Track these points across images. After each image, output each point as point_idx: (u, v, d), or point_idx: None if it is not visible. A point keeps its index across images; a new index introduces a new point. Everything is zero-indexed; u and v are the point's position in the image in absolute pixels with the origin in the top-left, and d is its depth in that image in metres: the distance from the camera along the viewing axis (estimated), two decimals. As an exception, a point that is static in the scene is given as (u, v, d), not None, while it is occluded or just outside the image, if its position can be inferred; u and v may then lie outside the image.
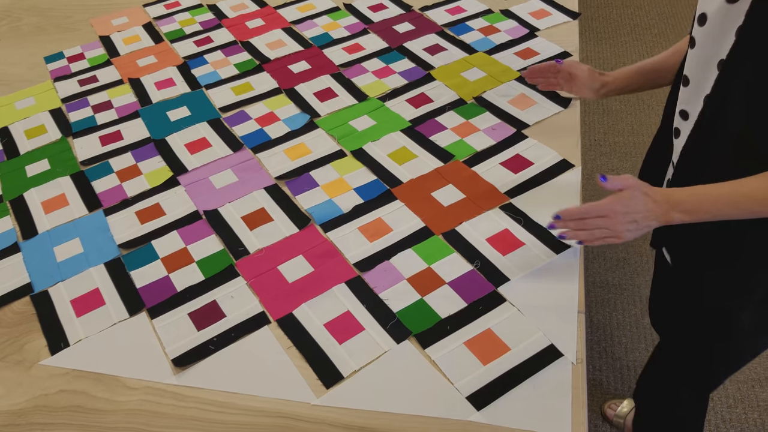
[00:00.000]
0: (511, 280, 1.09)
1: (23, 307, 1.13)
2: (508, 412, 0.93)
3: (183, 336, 1.06)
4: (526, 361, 0.98)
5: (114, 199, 1.30)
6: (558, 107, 1.42)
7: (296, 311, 1.08)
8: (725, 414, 1.71)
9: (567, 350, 0.99)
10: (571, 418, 0.91)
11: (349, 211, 1.24)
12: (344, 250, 1.17)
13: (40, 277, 1.17)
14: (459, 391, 0.95)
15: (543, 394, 0.94)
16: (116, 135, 1.46)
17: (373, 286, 1.10)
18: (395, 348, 1.01)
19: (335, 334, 1.04)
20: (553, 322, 1.03)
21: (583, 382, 0.96)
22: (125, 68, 1.65)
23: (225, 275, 1.14)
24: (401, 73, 1.55)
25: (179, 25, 1.80)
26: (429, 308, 1.06)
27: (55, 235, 1.24)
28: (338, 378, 0.98)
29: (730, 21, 0.87)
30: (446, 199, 1.24)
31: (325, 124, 1.43)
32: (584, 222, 1.00)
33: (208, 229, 1.22)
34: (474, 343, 1.01)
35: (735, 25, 0.86)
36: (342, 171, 1.32)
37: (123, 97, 1.56)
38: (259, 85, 1.56)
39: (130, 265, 1.17)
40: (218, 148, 1.40)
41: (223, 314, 1.08)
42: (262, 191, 1.29)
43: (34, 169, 1.39)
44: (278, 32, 1.74)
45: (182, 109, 1.51)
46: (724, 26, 0.88)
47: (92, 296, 1.12)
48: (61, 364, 1.04)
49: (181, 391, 0.99)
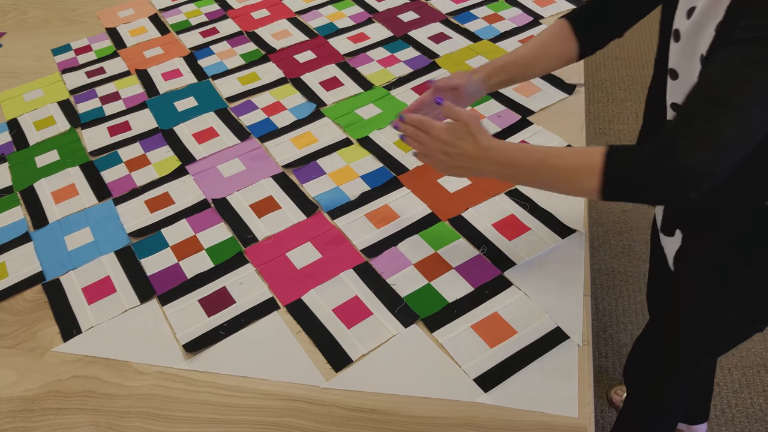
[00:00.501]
0: (517, 265, 1.10)
1: (35, 295, 1.15)
2: (515, 394, 0.94)
3: (193, 322, 1.07)
4: (532, 343, 0.99)
5: (123, 189, 1.32)
6: (563, 93, 1.42)
7: (305, 297, 1.09)
8: (731, 399, 1.72)
9: (573, 332, 1.00)
10: (578, 399, 0.92)
11: (355, 198, 1.25)
12: (351, 237, 1.18)
13: (51, 265, 1.18)
14: (466, 374, 0.96)
15: (549, 376, 0.95)
16: (124, 125, 1.47)
17: (381, 272, 1.11)
18: (403, 332, 1.03)
19: (344, 319, 1.05)
20: (559, 306, 1.04)
21: (589, 364, 0.97)
22: (132, 60, 1.67)
23: (234, 262, 1.15)
24: (406, 61, 1.56)
25: (185, 17, 1.81)
26: (436, 293, 1.07)
27: (65, 224, 1.26)
28: (347, 362, 1.00)
29: (712, 15, 0.84)
30: (452, 185, 1.25)
31: (331, 112, 1.44)
32: (415, 132, 1.02)
33: (217, 217, 1.24)
34: (481, 327, 1.02)
35: (716, 20, 0.83)
36: (348, 159, 1.33)
37: (130, 88, 1.58)
38: (265, 75, 1.57)
39: (140, 253, 1.19)
40: (225, 137, 1.41)
41: (232, 300, 1.09)
42: (270, 179, 1.30)
43: (43, 160, 1.40)
44: (283, 22, 1.75)
45: (189, 99, 1.52)
46: (707, 20, 0.86)
47: (103, 284, 1.14)
48: (73, 351, 1.06)
49: (192, 376, 1.01)
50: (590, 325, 1.02)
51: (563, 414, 0.91)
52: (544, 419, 0.91)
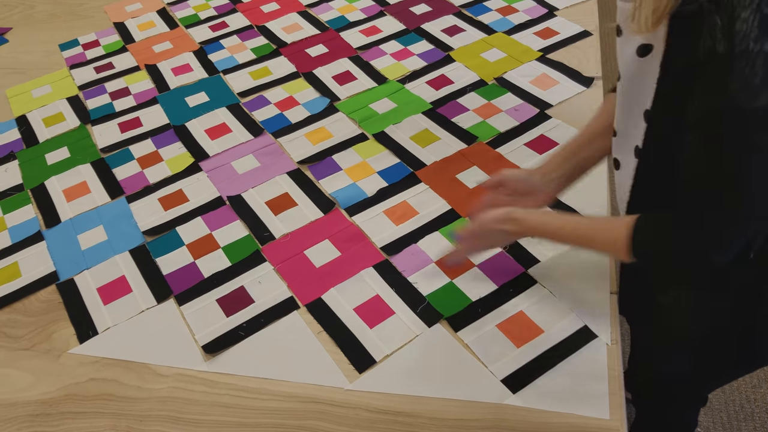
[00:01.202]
0: (541, 262, 1.08)
1: (49, 295, 1.13)
2: (544, 395, 0.92)
3: (212, 322, 1.05)
4: (560, 343, 0.97)
5: (136, 186, 1.29)
6: (581, 86, 1.40)
7: (325, 296, 1.07)
8: (749, 394, 1.70)
9: (601, 331, 0.98)
10: (609, 401, 0.90)
11: (373, 194, 1.22)
12: (370, 234, 1.15)
13: (65, 265, 1.16)
14: (494, 374, 0.94)
15: (579, 377, 0.93)
16: (135, 122, 1.45)
17: (402, 270, 1.09)
18: (427, 332, 1.00)
19: (365, 319, 1.03)
20: (586, 304, 1.01)
21: (618, 364, 0.95)
22: (141, 54, 1.64)
23: (251, 261, 1.13)
24: (420, 55, 1.53)
25: (194, 11, 1.78)
26: (459, 291, 1.05)
27: (78, 222, 1.23)
28: (370, 362, 0.97)
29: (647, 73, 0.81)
30: (471, 180, 1.22)
31: (345, 107, 1.42)
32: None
33: (233, 215, 1.21)
34: (506, 326, 1.00)
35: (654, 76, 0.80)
36: (364, 154, 1.30)
37: (140, 83, 1.55)
38: (277, 70, 1.54)
39: (155, 251, 1.16)
40: (238, 133, 1.38)
41: (251, 300, 1.07)
42: (285, 176, 1.28)
43: (54, 157, 1.38)
44: (294, 16, 1.72)
45: (200, 94, 1.49)
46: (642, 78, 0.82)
47: (118, 284, 1.12)
48: (90, 353, 1.03)
49: (212, 378, 0.98)
50: (618, 324, 1.00)
51: (594, 416, 0.89)
52: (575, 421, 0.89)
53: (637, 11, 0.75)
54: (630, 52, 0.83)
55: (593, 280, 1.05)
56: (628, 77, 0.86)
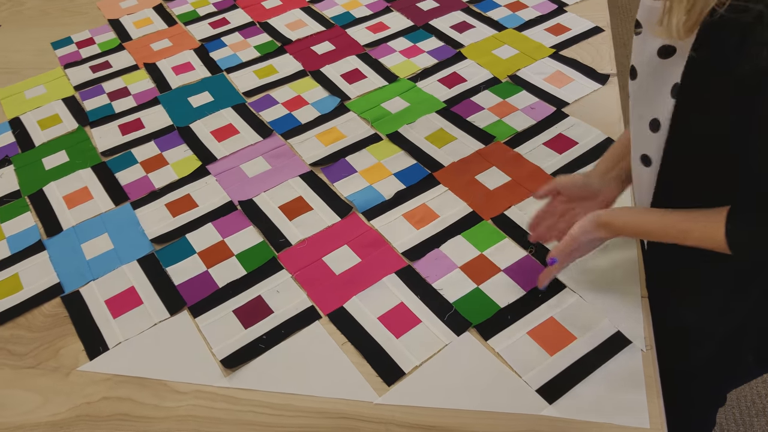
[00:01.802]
0: (569, 266, 1.04)
1: (54, 309, 1.07)
2: (580, 405, 0.88)
3: (230, 335, 1.00)
4: (593, 350, 0.94)
5: (141, 192, 1.24)
6: (596, 84, 1.36)
7: (347, 304, 1.02)
8: (760, 389, 1.68)
9: (635, 337, 0.94)
10: (648, 409, 0.87)
11: (391, 197, 1.18)
12: (391, 239, 1.11)
13: (69, 276, 1.10)
14: (528, 384, 0.91)
15: (615, 385, 0.90)
16: (136, 123, 1.39)
17: (425, 276, 1.05)
18: (456, 340, 0.97)
19: (391, 328, 0.99)
20: (617, 308, 0.98)
21: (655, 370, 0.92)
22: (139, 53, 1.58)
23: (268, 268, 1.08)
24: (430, 52, 1.49)
25: (192, 7, 1.72)
26: (486, 297, 1.01)
27: (81, 231, 1.18)
28: (399, 374, 0.93)
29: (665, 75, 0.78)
30: (491, 182, 1.19)
31: (356, 106, 1.37)
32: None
33: (245, 221, 1.16)
34: (538, 333, 0.96)
35: (670, 82, 0.78)
36: (379, 156, 1.26)
37: (140, 83, 1.49)
38: (283, 68, 1.49)
39: (165, 260, 1.11)
40: (246, 134, 1.33)
41: (270, 310, 1.03)
42: (298, 179, 1.23)
43: (51, 162, 1.32)
44: (297, 12, 1.67)
45: (204, 94, 1.44)
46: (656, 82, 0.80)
47: (128, 295, 1.06)
48: (101, 370, 0.98)
49: (234, 394, 0.94)
50: (651, 328, 0.97)
51: (633, 425, 0.86)
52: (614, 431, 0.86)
53: (666, 15, 0.70)
54: (650, 51, 0.79)
55: (622, 283, 1.02)
56: (644, 76, 0.83)
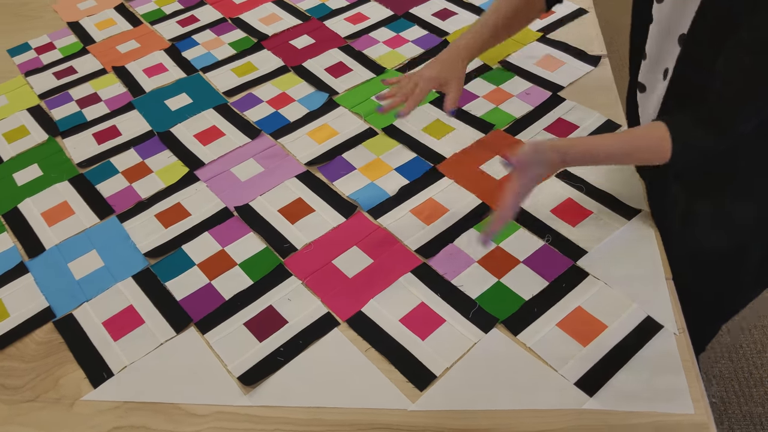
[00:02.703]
0: (589, 252, 1.02)
1: (47, 335, 0.98)
2: (621, 395, 0.85)
3: (244, 349, 0.93)
4: (626, 337, 0.91)
5: (126, 203, 1.15)
6: (588, 66, 1.34)
7: (365, 308, 0.97)
8: (756, 359, 1.71)
9: (665, 320, 0.92)
10: (690, 394, 0.85)
11: (395, 193, 1.13)
12: (401, 237, 1.06)
13: (59, 299, 1.02)
14: (565, 378, 0.87)
15: (653, 372, 0.87)
16: (112, 131, 1.30)
17: (443, 273, 1.01)
18: (484, 338, 0.93)
19: (415, 330, 0.94)
20: (643, 293, 0.96)
21: (690, 353, 0.90)
22: (105, 56, 1.48)
23: (276, 276, 1.02)
24: (415, 41, 1.44)
25: (156, 5, 1.63)
26: (509, 291, 0.98)
27: (66, 249, 1.09)
28: (430, 378, 0.89)
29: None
30: (496, 171, 1.15)
31: (345, 101, 1.31)
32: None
33: (244, 227, 1.10)
34: (567, 324, 0.93)
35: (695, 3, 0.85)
36: (377, 151, 1.21)
37: (110, 88, 1.39)
38: (263, 65, 1.42)
39: (163, 275, 1.04)
40: (233, 136, 1.26)
41: (284, 320, 0.96)
42: (295, 180, 1.17)
43: (24, 177, 1.22)
44: (269, 6, 1.59)
45: (182, 96, 1.35)
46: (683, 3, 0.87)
47: (127, 315, 0.99)
48: (108, 398, 0.90)
49: (257, 413, 0.87)
50: (680, 311, 0.95)
51: (678, 411, 0.84)
52: (660, 419, 0.83)
53: None
54: None
55: (644, 265, 1.00)
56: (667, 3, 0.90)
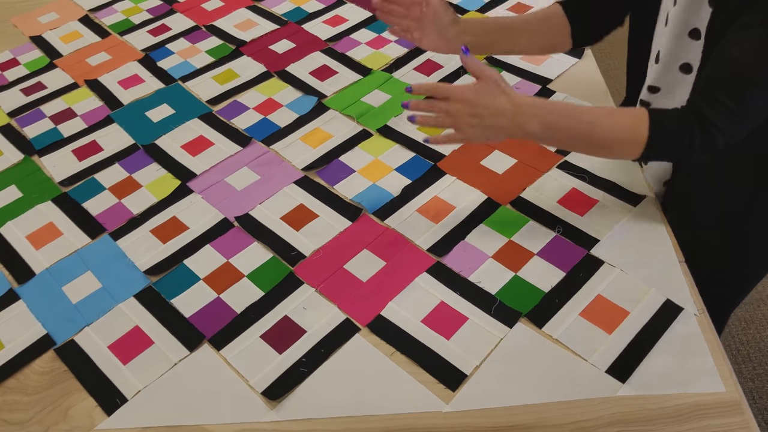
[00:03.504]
0: (601, 241, 1.02)
1: (48, 364, 0.92)
2: (652, 379, 0.85)
3: (264, 363, 0.89)
4: (649, 322, 0.91)
5: (118, 220, 1.10)
6: (573, 58, 1.35)
7: (384, 312, 0.95)
8: (741, 336, 1.75)
9: (685, 302, 0.93)
10: (719, 373, 0.86)
11: (399, 193, 1.11)
12: (411, 237, 1.04)
13: (57, 325, 0.96)
14: (596, 367, 0.87)
15: (680, 354, 0.88)
16: (92, 146, 1.23)
17: (459, 271, 0.99)
18: (510, 333, 0.91)
19: (439, 330, 0.92)
20: (659, 277, 0.96)
21: (713, 333, 0.90)
22: (75, 69, 1.41)
23: (287, 285, 0.98)
24: (398, 41, 1.42)
25: (123, 15, 1.56)
26: (528, 284, 0.97)
27: (57, 272, 1.02)
28: (461, 377, 0.87)
29: None
30: (498, 166, 1.14)
31: (335, 103, 1.29)
32: (431, 103, 0.94)
33: (247, 237, 1.06)
34: (590, 313, 0.93)
35: None
36: (375, 152, 1.18)
37: (85, 102, 1.33)
38: (244, 71, 1.38)
39: (167, 293, 0.98)
40: (223, 145, 1.21)
41: (302, 330, 0.93)
42: (293, 186, 1.13)
43: (2, 199, 1.14)
44: (243, 11, 1.55)
45: (162, 107, 1.30)
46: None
47: (134, 337, 0.93)
48: (125, 425, 0.85)
49: (286, 428, 0.83)
50: (697, 292, 0.95)
51: (709, 390, 0.84)
52: (694, 400, 0.83)
53: None
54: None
55: (656, 250, 1.00)
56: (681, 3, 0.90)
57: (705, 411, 0.82)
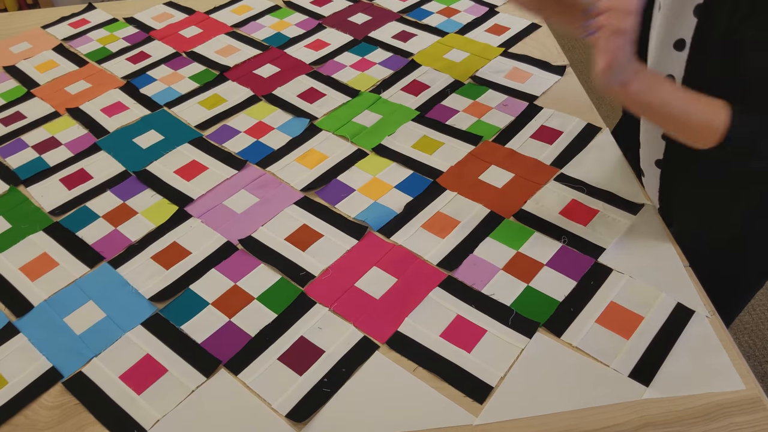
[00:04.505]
0: (607, 249, 1.03)
1: (57, 398, 0.87)
2: (675, 381, 0.86)
3: (286, 385, 0.87)
4: (663, 325, 0.93)
5: (116, 248, 1.06)
6: (555, 76, 1.39)
7: (402, 328, 0.94)
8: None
9: (695, 305, 0.95)
10: (736, 371, 0.88)
11: (402, 210, 1.11)
12: (419, 252, 1.04)
13: (63, 357, 0.91)
14: (618, 372, 0.88)
15: (697, 355, 0.89)
16: (81, 174, 1.19)
17: (471, 284, 0.99)
18: (530, 343, 0.91)
19: (459, 343, 0.91)
20: (667, 282, 0.98)
21: (726, 333, 0.92)
22: (55, 98, 1.36)
23: (300, 306, 0.96)
24: (382, 63, 1.44)
25: (99, 44, 1.53)
26: (542, 294, 0.97)
27: (57, 303, 0.98)
28: (488, 390, 0.86)
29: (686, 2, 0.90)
30: (496, 180, 1.16)
31: (327, 125, 1.28)
32: None
33: (252, 260, 1.03)
34: (606, 320, 0.94)
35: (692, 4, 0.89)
36: (372, 170, 1.18)
37: (69, 130, 1.29)
38: (231, 96, 1.36)
39: (176, 319, 0.95)
40: (217, 169, 1.19)
41: (320, 350, 0.91)
42: (294, 207, 1.12)
43: (-9, 232, 1.09)
44: (223, 38, 1.54)
45: (150, 133, 1.27)
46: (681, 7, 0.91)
47: (146, 365, 0.90)
48: (145, 456, 0.81)
49: (316, 450, 0.81)
50: (706, 295, 0.98)
51: (730, 389, 0.86)
52: (717, 399, 0.85)
53: None
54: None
55: (661, 257, 1.02)
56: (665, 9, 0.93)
57: (728, 409, 0.84)
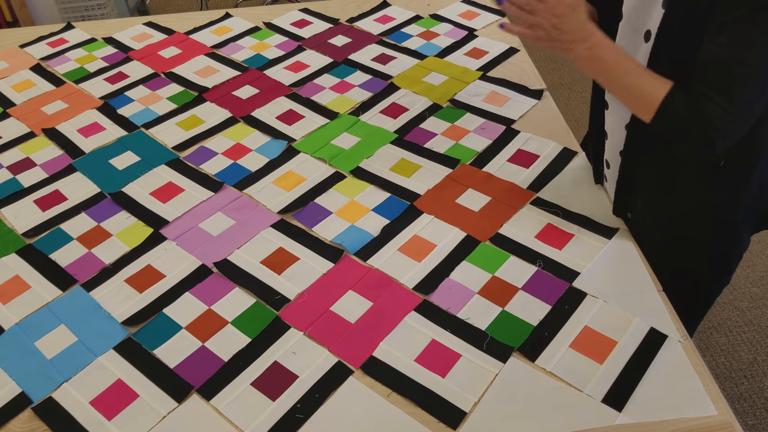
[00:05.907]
0: (581, 273, 1.04)
1: (26, 424, 0.86)
2: (648, 406, 0.87)
3: (258, 411, 0.86)
4: (637, 351, 0.93)
5: (89, 271, 1.05)
6: (532, 100, 1.40)
7: (376, 352, 0.93)
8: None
9: (669, 330, 0.96)
10: (709, 397, 0.88)
11: (379, 234, 1.11)
12: (395, 276, 1.04)
13: (32, 382, 0.90)
14: (591, 397, 0.88)
15: (670, 380, 0.90)
16: (55, 196, 1.18)
17: (446, 308, 0.99)
18: (504, 368, 0.91)
19: (433, 368, 0.91)
20: (640, 307, 0.99)
21: (699, 358, 0.93)
22: (31, 119, 1.36)
23: (274, 331, 0.96)
24: (361, 85, 1.45)
25: (77, 63, 1.52)
26: (516, 318, 0.98)
27: (28, 327, 0.97)
28: (461, 415, 0.86)
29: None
30: (473, 204, 1.16)
31: (305, 147, 1.28)
32: None
33: (227, 283, 1.03)
34: (579, 344, 0.94)
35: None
36: (350, 193, 1.18)
37: (44, 151, 1.28)
38: (209, 117, 1.36)
39: (148, 344, 0.94)
40: (193, 191, 1.19)
41: (293, 375, 0.90)
42: (271, 229, 1.12)
43: (-39, 254, 1.08)
44: (202, 59, 1.54)
45: (127, 154, 1.26)
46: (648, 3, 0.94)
47: (117, 390, 0.88)
48: (114, 485, 0.80)
49: (289, 477, 0.81)
50: (679, 320, 0.98)
51: (702, 414, 0.86)
52: (689, 425, 0.85)
53: None
54: None
55: (635, 281, 1.04)
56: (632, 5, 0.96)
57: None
